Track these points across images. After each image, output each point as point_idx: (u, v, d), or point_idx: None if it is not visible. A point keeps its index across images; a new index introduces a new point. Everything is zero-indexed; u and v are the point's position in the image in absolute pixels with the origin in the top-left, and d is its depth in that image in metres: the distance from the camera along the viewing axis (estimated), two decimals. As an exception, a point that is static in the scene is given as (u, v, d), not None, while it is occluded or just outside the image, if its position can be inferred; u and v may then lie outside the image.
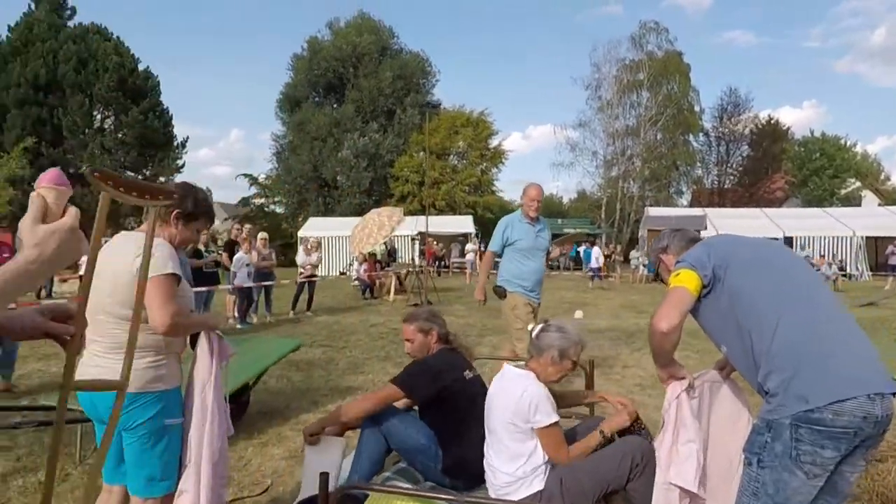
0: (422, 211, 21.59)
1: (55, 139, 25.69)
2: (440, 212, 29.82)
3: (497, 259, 4.74)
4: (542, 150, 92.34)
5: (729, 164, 38.27)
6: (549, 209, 45.99)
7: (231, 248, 9.25)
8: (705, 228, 20.32)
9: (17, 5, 51.06)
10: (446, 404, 2.44)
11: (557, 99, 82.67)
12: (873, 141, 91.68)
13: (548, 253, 4.74)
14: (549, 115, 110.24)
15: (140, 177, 28.36)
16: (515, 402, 2.10)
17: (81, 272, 8.72)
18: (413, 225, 20.57)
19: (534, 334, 2.26)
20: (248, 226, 10.21)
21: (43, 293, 13.05)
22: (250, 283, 8.82)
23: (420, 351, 2.63)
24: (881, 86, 74.02)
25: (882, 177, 43.81)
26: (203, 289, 7.86)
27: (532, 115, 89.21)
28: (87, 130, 26.06)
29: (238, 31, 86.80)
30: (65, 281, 14.97)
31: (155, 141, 27.59)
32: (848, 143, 36.29)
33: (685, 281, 1.74)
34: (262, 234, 9.59)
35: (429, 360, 2.55)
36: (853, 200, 32.79)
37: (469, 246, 21.39)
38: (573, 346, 2.21)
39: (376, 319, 9.61)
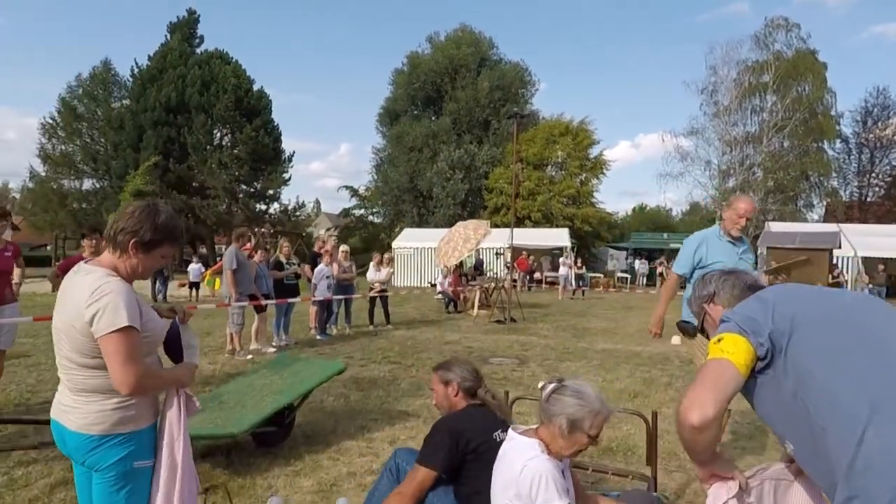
0: (516, 223, 21.12)
1: (181, 156, 28.55)
2: (536, 224, 29.07)
3: (684, 284, 3.82)
4: (652, 159, 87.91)
5: (873, 175, 33.56)
6: (655, 222, 43.38)
7: (314, 260, 9.43)
8: (839, 247, 17.75)
9: (157, 36, 58.17)
10: (475, 471, 2.11)
11: (671, 105, 78.24)
12: None
13: None
14: (660, 123, 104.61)
15: (251, 190, 30.72)
16: (515, 480, 1.70)
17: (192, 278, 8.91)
18: (505, 237, 20.14)
19: (544, 393, 1.81)
20: (333, 237, 10.35)
21: (159, 297, 14.28)
22: (330, 295, 8.89)
23: (442, 404, 2.39)
24: None
25: None
26: (284, 301, 8.04)
27: (642, 124, 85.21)
28: (207, 147, 28.71)
29: (349, 47, 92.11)
30: (183, 286, 16.37)
31: (265, 156, 29.77)
32: None
33: (730, 352, 1.24)
34: (343, 247, 9.69)
35: (450, 422, 2.25)
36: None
37: (563, 259, 20.49)
38: (590, 416, 1.71)
39: (452, 336, 9.29)
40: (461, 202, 31.53)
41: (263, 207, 31.83)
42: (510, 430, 1.91)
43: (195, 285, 15.59)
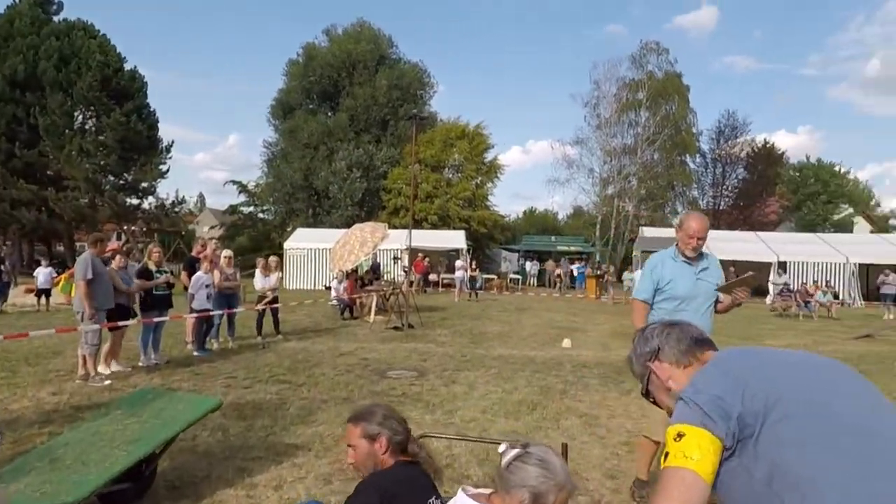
0: (414, 224, 20.92)
1: (31, 140, 24.89)
2: (433, 226, 29.16)
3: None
4: (542, 165, 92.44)
5: (724, 187, 37.90)
6: (544, 225, 45.51)
7: (192, 265, 8.50)
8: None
9: None
10: None
11: (558, 115, 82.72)
12: (863, 168, 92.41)
13: (715, 303, 3.43)
14: (549, 131, 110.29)
15: (121, 182, 27.61)
16: None
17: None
18: (403, 239, 19.91)
19: (504, 459, 1.55)
20: (213, 240, 9.40)
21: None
22: (210, 307, 8.05)
23: (364, 464, 1.96)
24: (874, 114, 74.67)
25: (873, 203, 43.80)
26: (155, 318, 7.11)
27: (532, 131, 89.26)
28: (66, 131, 25.27)
29: (242, 31, 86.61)
30: (30, 291, 14.15)
31: (138, 144, 26.85)
32: (842, 170, 36.13)
33: (695, 458, 1.02)
34: (226, 252, 8.83)
35: (381, 482, 1.85)
36: (845, 226, 32.59)
37: (458, 262, 20.66)
38: (554, 490, 1.49)
39: (348, 347, 8.85)
40: (359, 202, 30.80)
41: (135, 202, 28.63)
42: (461, 492, 1.63)
43: (45, 292, 13.39)
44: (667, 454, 1.06)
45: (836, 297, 18.13)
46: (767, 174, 35.88)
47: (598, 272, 23.48)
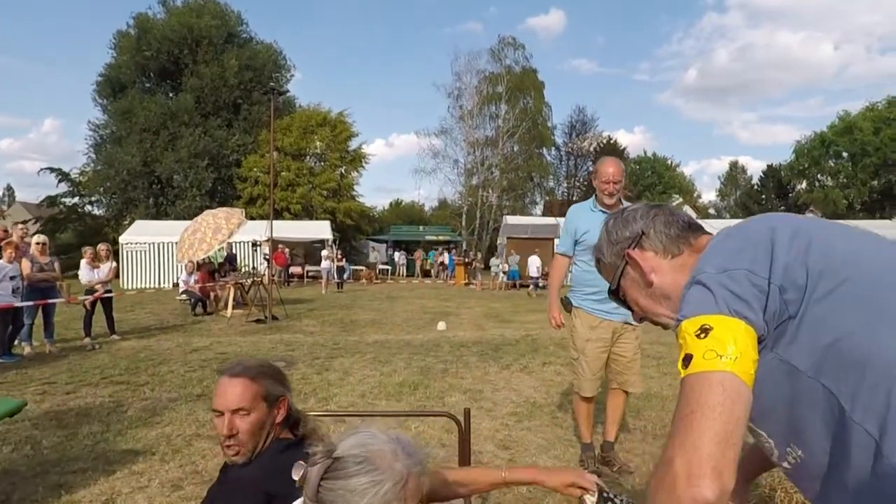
0: (274, 215, 19.54)
1: None
2: (296, 216, 27.65)
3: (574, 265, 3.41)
4: (406, 158, 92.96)
5: (577, 178, 41.20)
6: (410, 216, 45.72)
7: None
8: (558, 236, 21.11)
9: None
10: None
11: (422, 107, 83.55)
12: (687, 164, 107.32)
13: None
14: (413, 124, 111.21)
15: None
16: None
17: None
18: (262, 230, 18.49)
19: (308, 485, 0.97)
20: (20, 227, 7.68)
21: None
22: (17, 302, 6.55)
23: (253, 437, 1.38)
24: (693, 118, 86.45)
25: (696, 194, 50.96)
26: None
27: (396, 123, 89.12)
28: None
29: (53, 3, 74.64)
30: None
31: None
32: (674, 164, 41.31)
33: (726, 351, 0.74)
34: (37, 237, 7.27)
35: (268, 483, 1.30)
36: (680, 214, 37.75)
37: (325, 252, 19.76)
38: (395, 489, 0.95)
39: (201, 342, 7.82)
40: (209, 192, 28.13)
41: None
42: None
43: None
44: (688, 358, 0.76)
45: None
46: (612, 167, 39.87)
47: (466, 260, 24.06)
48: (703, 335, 0.76)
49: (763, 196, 40.30)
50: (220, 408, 1.38)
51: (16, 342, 6.84)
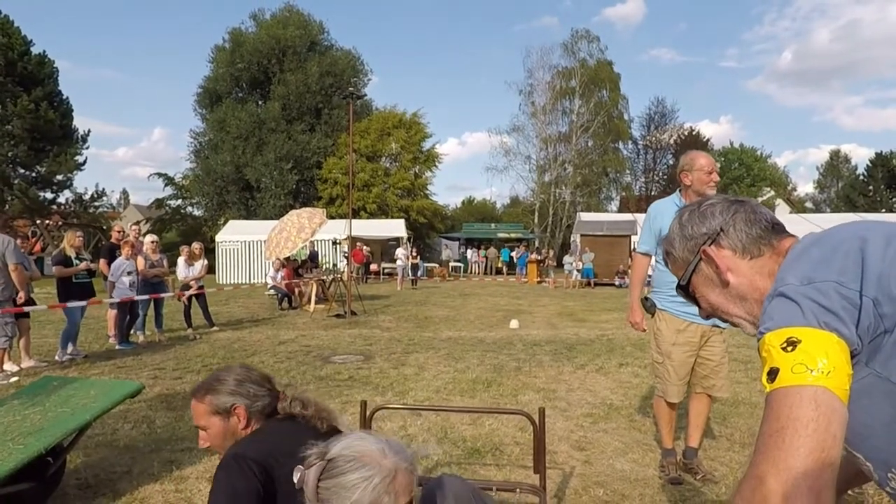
0: (352, 214, 20.38)
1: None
2: (371, 215, 28.61)
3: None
4: (478, 156, 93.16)
5: (655, 172, 39.54)
6: (482, 213, 45.85)
7: (111, 253, 7.75)
8: (636, 233, 20.41)
9: None
10: None
11: (494, 105, 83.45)
12: (781, 155, 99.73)
13: None
14: (485, 123, 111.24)
15: (33, 174, 25.30)
16: None
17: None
18: (341, 228, 19.35)
19: (307, 487, 1.11)
20: (134, 227, 8.61)
21: None
22: (133, 295, 7.36)
23: (223, 446, 1.56)
24: (788, 105, 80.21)
25: (790, 188, 47.22)
26: (76, 304, 6.41)
27: (469, 122, 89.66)
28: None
29: (164, 19, 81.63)
30: None
31: (50, 134, 24.60)
32: (763, 155, 38.56)
33: (818, 365, 0.69)
34: (150, 237, 8.12)
35: (247, 450, 1.45)
36: (768, 208, 35.08)
37: (399, 251, 20.32)
38: (384, 483, 1.08)
39: (288, 335, 8.38)
40: (292, 192, 29.74)
41: (50, 196, 26.23)
42: None
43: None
44: (773, 371, 0.71)
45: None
46: (694, 160, 37.87)
47: (539, 257, 23.84)
48: (790, 348, 0.71)
49: (870, 188, 36.55)
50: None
51: (132, 331, 7.68)
